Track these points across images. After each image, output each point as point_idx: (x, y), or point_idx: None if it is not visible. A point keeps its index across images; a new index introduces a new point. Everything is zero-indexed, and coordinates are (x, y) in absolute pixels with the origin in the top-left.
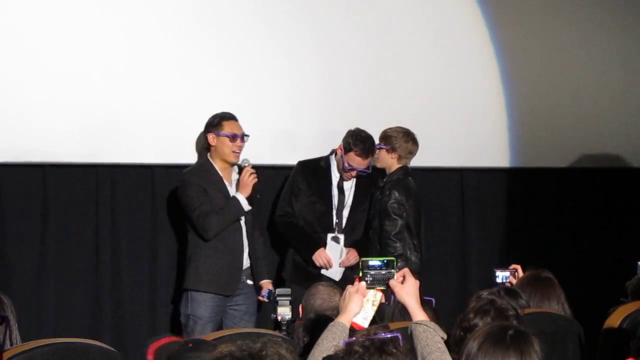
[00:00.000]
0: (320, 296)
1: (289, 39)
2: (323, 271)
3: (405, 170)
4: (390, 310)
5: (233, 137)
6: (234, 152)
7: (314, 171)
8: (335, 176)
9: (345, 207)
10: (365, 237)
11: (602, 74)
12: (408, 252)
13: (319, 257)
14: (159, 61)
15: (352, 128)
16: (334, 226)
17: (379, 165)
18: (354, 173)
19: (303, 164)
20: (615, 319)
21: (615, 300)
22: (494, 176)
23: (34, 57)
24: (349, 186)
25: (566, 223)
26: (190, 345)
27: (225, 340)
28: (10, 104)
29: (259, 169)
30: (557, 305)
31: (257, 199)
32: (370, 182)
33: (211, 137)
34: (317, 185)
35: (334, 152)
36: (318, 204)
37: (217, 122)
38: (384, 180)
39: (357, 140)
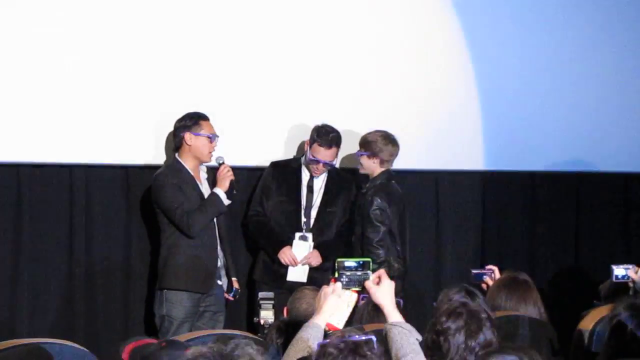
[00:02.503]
0: (306, 300)
1: (267, 40)
2: (289, 274)
3: (388, 175)
4: (360, 312)
5: (212, 137)
6: (209, 152)
7: (285, 171)
8: (305, 175)
9: (314, 207)
10: (338, 240)
11: (579, 77)
12: (391, 259)
13: (283, 254)
14: (134, 61)
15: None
16: (302, 225)
17: (362, 171)
18: (320, 166)
19: (274, 165)
20: (587, 323)
21: (588, 304)
22: (469, 179)
23: (7, 56)
24: (319, 186)
25: (541, 226)
26: (164, 344)
27: (197, 342)
28: None
29: (234, 170)
30: (533, 308)
31: (233, 195)
32: (342, 184)
33: (188, 137)
34: (286, 184)
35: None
36: (286, 204)
37: (194, 122)
38: (367, 185)
39: (320, 132)
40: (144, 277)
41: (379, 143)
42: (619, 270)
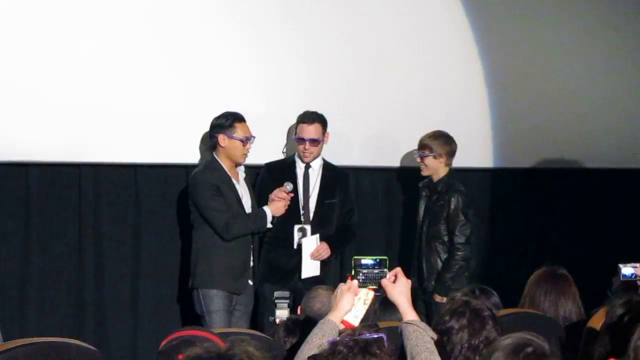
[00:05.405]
0: (320, 299)
1: (281, 40)
2: (303, 271)
3: (453, 173)
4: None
5: (246, 140)
6: (243, 154)
7: (280, 168)
8: (300, 168)
9: (311, 198)
10: (342, 232)
11: (586, 74)
12: (471, 256)
13: (274, 195)
14: (144, 60)
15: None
16: (301, 216)
17: (426, 173)
18: (307, 145)
19: (269, 166)
20: (597, 320)
21: (597, 301)
22: (479, 176)
23: (16, 55)
24: (315, 178)
25: (550, 223)
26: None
27: None
28: None
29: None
30: (572, 303)
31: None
32: (338, 176)
33: (222, 138)
34: (282, 179)
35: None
36: None
37: (229, 124)
38: (438, 185)
39: (303, 113)
40: (153, 276)
41: (442, 143)
42: (626, 269)
